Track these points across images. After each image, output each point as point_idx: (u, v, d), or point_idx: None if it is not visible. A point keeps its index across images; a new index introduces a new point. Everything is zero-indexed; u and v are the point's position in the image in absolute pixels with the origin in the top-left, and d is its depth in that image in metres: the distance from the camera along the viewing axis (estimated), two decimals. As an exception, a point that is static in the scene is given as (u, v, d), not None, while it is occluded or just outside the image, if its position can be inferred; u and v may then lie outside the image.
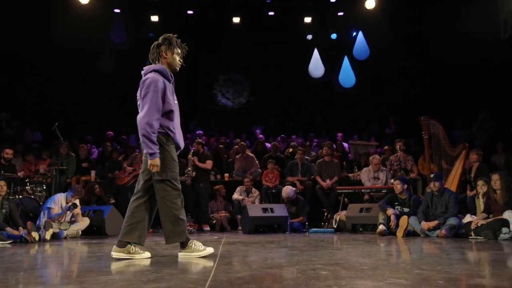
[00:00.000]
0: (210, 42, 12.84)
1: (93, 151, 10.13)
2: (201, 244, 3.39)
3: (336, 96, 13.55)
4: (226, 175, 8.73)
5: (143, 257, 3.37)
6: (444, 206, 5.66)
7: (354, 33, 13.43)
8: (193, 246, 3.34)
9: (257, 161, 8.72)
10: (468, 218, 5.68)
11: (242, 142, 9.28)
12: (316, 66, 13.55)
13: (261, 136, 11.17)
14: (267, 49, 13.37)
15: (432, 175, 6.06)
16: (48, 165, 8.18)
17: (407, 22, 11.64)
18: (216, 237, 5.77)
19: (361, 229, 6.56)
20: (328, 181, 7.70)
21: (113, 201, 7.59)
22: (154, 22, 11.69)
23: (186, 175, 7.54)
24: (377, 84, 12.36)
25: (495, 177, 5.44)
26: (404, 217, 5.71)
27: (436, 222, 5.53)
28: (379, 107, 12.23)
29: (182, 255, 3.34)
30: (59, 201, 6.20)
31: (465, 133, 10.15)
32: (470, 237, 5.26)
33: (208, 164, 7.86)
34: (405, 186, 6.25)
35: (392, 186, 6.46)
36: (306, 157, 8.75)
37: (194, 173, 7.62)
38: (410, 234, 5.70)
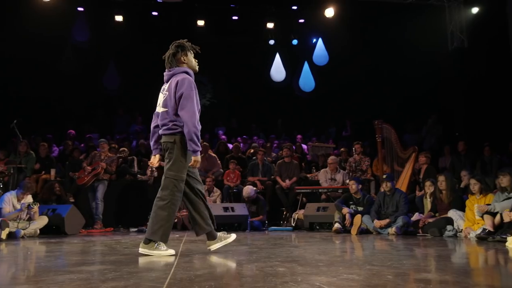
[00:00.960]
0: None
1: (54, 149, 9.75)
2: (164, 246, 3.32)
3: (296, 100, 13.72)
4: (188, 174, 8.63)
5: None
6: (395, 206, 5.85)
7: (314, 40, 13.66)
8: (156, 245, 3.28)
9: (219, 161, 8.69)
10: (416, 216, 5.90)
11: (204, 143, 9.21)
12: (277, 70, 13.66)
13: (223, 137, 11.14)
14: (230, 52, 13.35)
15: (384, 176, 6.25)
16: (6, 163, 7.81)
17: (364, 31, 11.96)
18: (177, 236, 5.69)
19: (318, 227, 6.67)
20: (287, 181, 7.78)
21: (73, 200, 7.34)
22: (118, 22, 11.40)
23: (149, 175, 7.41)
24: (335, 89, 12.61)
25: (441, 178, 5.67)
26: (358, 216, 5.86)
27: (387, 220, 5.70)
28: (337, 111, 12.48)
29: (143, 251, 3.27)
30: (9, 200, 5.90)
31: (415, 136, 10.53)
32: (418, 234, 5.46)
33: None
34: (360, 186, 6.41)
35: (347, 186, 6.61)
36: (266, 158, 8.80)
37: (156, 173, 7.49)
38: (363, 232, 5.85)
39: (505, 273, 2.76)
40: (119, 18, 11.36)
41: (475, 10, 10.67)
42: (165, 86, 3.44)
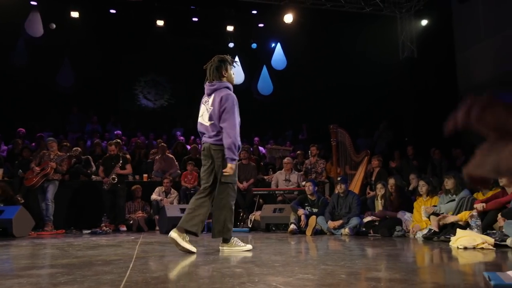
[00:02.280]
0: (133, 42, 12.40)
1: (2, 148, 9.25)
2: (240, 241, 3.74)
3: (254, 103, 13.79)
4: (145, 175, 8.46)
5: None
6: (348, 207, 6.00)
7: (273, 44, 13.81)
8: (234, 242, 3.69)
9: (176, 163, 8.57)
10: (368, 217, 6.08)
11: (162, 143, 9.06)
12: (236, 73, 13.63)
13: (181, 138, 11.00)
14: (190, 53, 13.22)
15: (338, 178, 6.40)
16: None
17: (321, 38, 12.22)
18: (133, 237, 5.56)
19: (274, 228, 6.73)
20: (244, 183, 7.80)
21: (22, 201, 6.98)
22: (74, 18, 10.98)
23: (108, 180, 7.15)
24: (292, 93, 12.80)
25: (391, 181, 5.89)
26: (313, 217, 5.97)
27: (340, 221, 5.84)
28: (294, 115, 12.67)
29: (225, 250, 3.66)
30: None
31: (367, 141, 10.87)
32: (369, 234, 5.63)
33: (128, 169, 7.56)
34: (316, 188, 6.53)
35: (303, 188, 6.72)
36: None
37: (116, 180, 7.23)
38: (318, 232, 5.96)
39: (449, 270, 2.90)
40: (75, 14, 10.95)
41: (424, 22, 11.18)
42: (209, 100, 3.73)
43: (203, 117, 3.74)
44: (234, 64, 3.89)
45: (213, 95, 3.69)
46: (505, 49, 9.73)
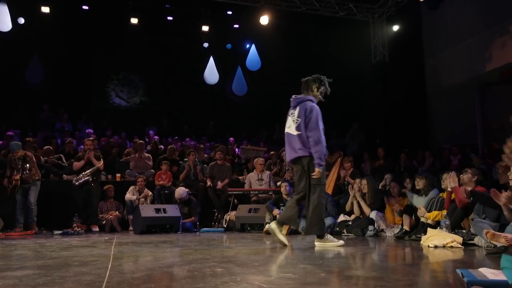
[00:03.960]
0: (106, 40, 12.15)
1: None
2: (333, 237, 4.23)
3: (228, 103, 13.79)
4: (118, 175, 8.30)
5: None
6: (322, 207, 6.08)
7: (248, 46, 13.85)
8: (328, 238, 4.15)
9: (151, 162, 8.47)
10: (341, 217, 6.19)
11: (140, 141, 8.90)
12: (211, 73, 13.65)
13: (156, 137, 10.87)
14: (164, 52, 13.10)
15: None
16: None
17: (295, 40, 12.35)
18: (106, 238, 5.46)
19: (249, 228, 6.74)
20: (219, 183, 7.78)
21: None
22: (45, 14, 10.64)
23: (80, 179, 6.98)
24: (266, 94, 12.86)
25: (363, 182, 6.01)
26: (288, 217, 6.00)
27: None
28: (267, 115, 12.72)
29: (319, 245, 4.07)
30: None
31: (339, 142, 11.05)
32: (343, 234, 5.73)
33: (100, 164, 7.39)
34: (291, 189, 6.58)
35: (278, 189, 6.76)
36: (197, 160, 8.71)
37: (90, 179, 7.06)
38: (292, 232, 6.01)
39: (422, 268, 3.00)
40: (45, 9, 10.62)
41: (395, 27, 11.47)
42: (294, 112, 4.24)
43: (291, 128, 4.24)
44: (327, 87, 4.37)
45: (298, 107, 4.20)
46: (470, 56, 10.11)
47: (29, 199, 6.52)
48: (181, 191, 7.03)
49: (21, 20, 11.17)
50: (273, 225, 4.14)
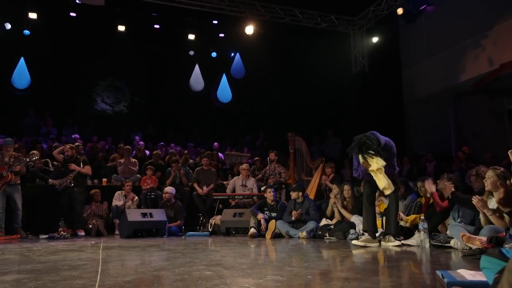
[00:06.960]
0: (93, 46, 12.01)
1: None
2: (392, 238, 4.50)
3: (213, 110, 13.78)
4: (104, 180, 8.19)
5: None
6: (305, 212, 6.12)
7: (233, 54, 13.89)
8: (389, 238, 4.47)
9: (137, 168, 8.39)
10: (323, 221, 6.23)
11: (127, 146, 8.80)
12: (196, 80, 13.64)
13: (141, 143, 10.76)
14: (150, 59, 13.01)
15: (295, 185, 6.52)
16: None
17: (278, 50, 12.44)
18: (93, 242, 5.38)
19: (234, 232, 6.72)
20: (205, 188, 7.76)
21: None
22: (32, 20, 10.47)
23: (63, 182, 6.86)
24: (250, 101, 12.91)
25: (346, 187, 6.08)
26: (273, 221, 6.03)
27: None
28: (251, 122, 12.76)
29: (389, 244, 4.40)
30: None
31: (320, 148, 11.15)
32: (325, 237, 5.77)
33: (88, 169, 7.28)
34: (276, 193, 6.61)
35: (262, 194, 6.78)
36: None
37: (72, 184, 6.95)
38: (276, 236, 6.03)
39: (402, 270, 3.05)
40: (33, 15, 10.45)
41: (375, 39, 11.68)
42: None
43: None
44: None
45: None
46: (445, 67, 10.37)
47: (17, 206, 6.38)
48: (169, 189, 7.12)
49: (8, 26, 10.96)
50: (385, 243, 4.50)
